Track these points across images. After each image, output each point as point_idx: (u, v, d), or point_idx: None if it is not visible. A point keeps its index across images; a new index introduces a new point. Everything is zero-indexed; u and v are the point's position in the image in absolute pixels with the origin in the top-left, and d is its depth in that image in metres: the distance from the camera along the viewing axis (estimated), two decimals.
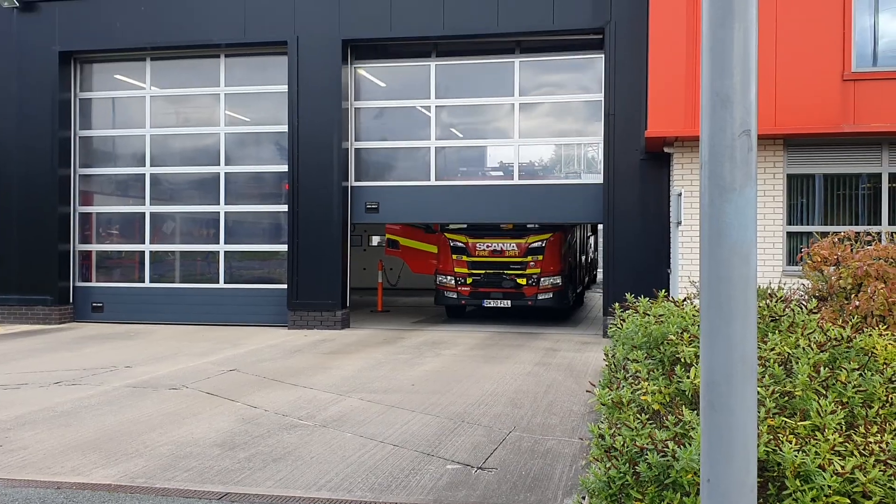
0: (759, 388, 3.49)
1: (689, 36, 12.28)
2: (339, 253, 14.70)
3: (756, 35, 2.21)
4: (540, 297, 15.46)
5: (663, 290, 5.93)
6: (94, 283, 16.23)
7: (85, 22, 15.64)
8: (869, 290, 5.53)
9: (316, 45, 14.71)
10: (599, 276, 25.33)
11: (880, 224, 12.15)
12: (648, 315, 5.27)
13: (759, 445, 3.02)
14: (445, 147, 14.99)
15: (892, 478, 2.84)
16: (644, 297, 6.08)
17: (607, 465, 3.25)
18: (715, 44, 2.21)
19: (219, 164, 15.67)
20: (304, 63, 14.76)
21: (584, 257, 21.31)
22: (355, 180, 15.15)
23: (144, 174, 16.02)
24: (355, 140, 15.22)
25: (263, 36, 15.02)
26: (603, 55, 13.97)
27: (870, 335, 4.21)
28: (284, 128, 15.04)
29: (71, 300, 16.02)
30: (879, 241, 6.96)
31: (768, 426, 3.21)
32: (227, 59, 15.66)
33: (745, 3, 2.17)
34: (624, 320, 5.80)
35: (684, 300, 5.68)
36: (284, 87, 15.03)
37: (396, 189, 14.99)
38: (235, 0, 15.03)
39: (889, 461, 2.96)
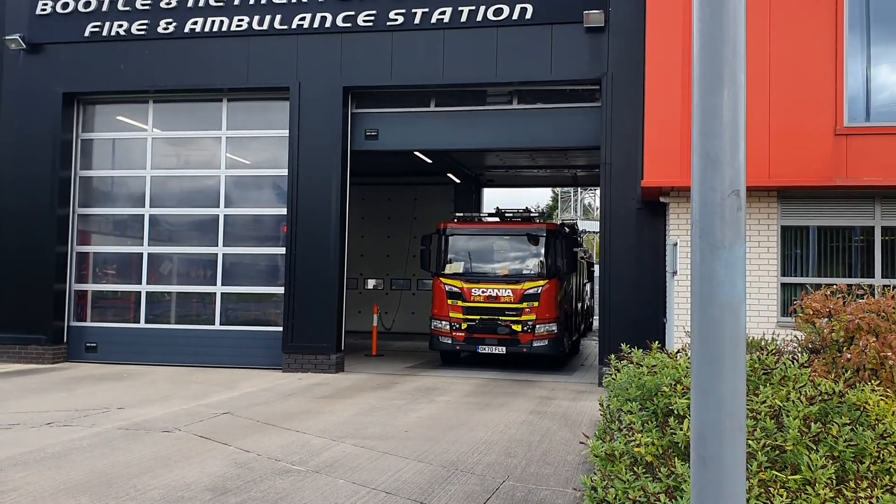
0: (750, 442, 3.52)
1: (685, 88, 12.49)
2: (336, 296, 14.72)
3: (745, 100, 2.29)
4: (535, 343, 15.44)
5: (657, 342, 5.96)
6: (88, 323, 16.19)
7: (89, 64, 15.85)
8: (861, 344, 5.56)
9: (317, 91, 14.92)
10: (596, 323, 25.35)
11: (874, 277, 12.22)
12: (641, 366, 5.30)
13: (749, 499, 3.04)
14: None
15: None
16: (638, 349, 6.12)
17: None
18: (705, 108, 2.29)
19: (218, 206, 15.77)
20: (305, 108, 14.95)
21: (580, 304, 21.34)
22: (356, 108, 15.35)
23: (143, 215, 16.09)
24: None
25: (266, 81, 15.24)
26: (600, 105, 14.17)
27: (862, 390, 4.25)
28: (284, 171, 15.17)
29: (65, 340, 15.97)
30: (872, 294, 7.02)
31: (759, 480, 3.23)
32: (229, 102, 15.86)
33: (733, 70, 2.26)
34: (619, 370, 5.82)
35: (677, 352, 5.72)
36: (285, 132, 15.20)
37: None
38: (238, 46, 15.28)
39: None
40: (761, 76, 12.01)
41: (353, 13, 14.82)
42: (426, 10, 14.55)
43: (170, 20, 15.49)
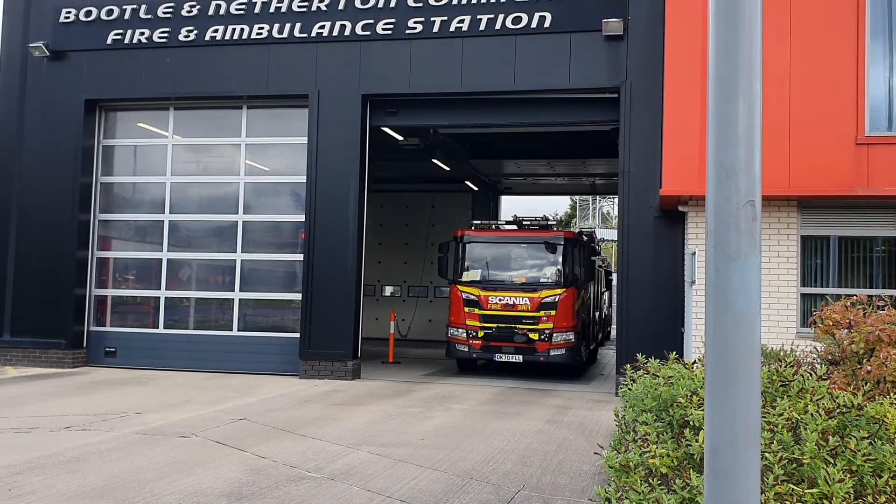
0: (767, 455, 3.48)
1: (704, 97, 12.38)
2: (353, 303, 14.75)
3: (760, 109, 2.27)
4: (552, 352, 15.37)
5: (674, 353, 5.91)
6: (108, 328, 16.31)
7: (111, 71, 16.02)
8: (881, 356, 5.49)
9: (336, 98, 14.99)
10: (614, 332, 25.23)
11: (895, 288, 12.07)
12: (658, 377, 5.26)
13: None
14: None
15: None
16: (655, 358, 6.07)
17: None
18: (720, 118, 2.27)
19: (237, 213, 15.86)
20: (325, 116, 15.02)
21: (597, 313, 21.24)
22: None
23: (163, 221, 16.22)
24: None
25: (285, 89, 15.33)
26: (619, 113, 14.11)
27: (881, 403, 4.19)
28: (303, 178, 15.23)
29: (84, 344, 16.10)
30: (893, 306, 6.93)
31: (775, 493, 3.19)
32: (248, 110, 15.97)
33: (749, 78, 2.24)
34: (634, 381, 5.78)
35: (694, 363, 5.67)
36: (304, 139, 15.26)
37: None
38: (259, 54, 15.39)
39: None
40: (781, 83, 11.91)
41: (372, 21, 14.88)
42: (445, 18, 14.58)
43: (191, 28, 15.63)
